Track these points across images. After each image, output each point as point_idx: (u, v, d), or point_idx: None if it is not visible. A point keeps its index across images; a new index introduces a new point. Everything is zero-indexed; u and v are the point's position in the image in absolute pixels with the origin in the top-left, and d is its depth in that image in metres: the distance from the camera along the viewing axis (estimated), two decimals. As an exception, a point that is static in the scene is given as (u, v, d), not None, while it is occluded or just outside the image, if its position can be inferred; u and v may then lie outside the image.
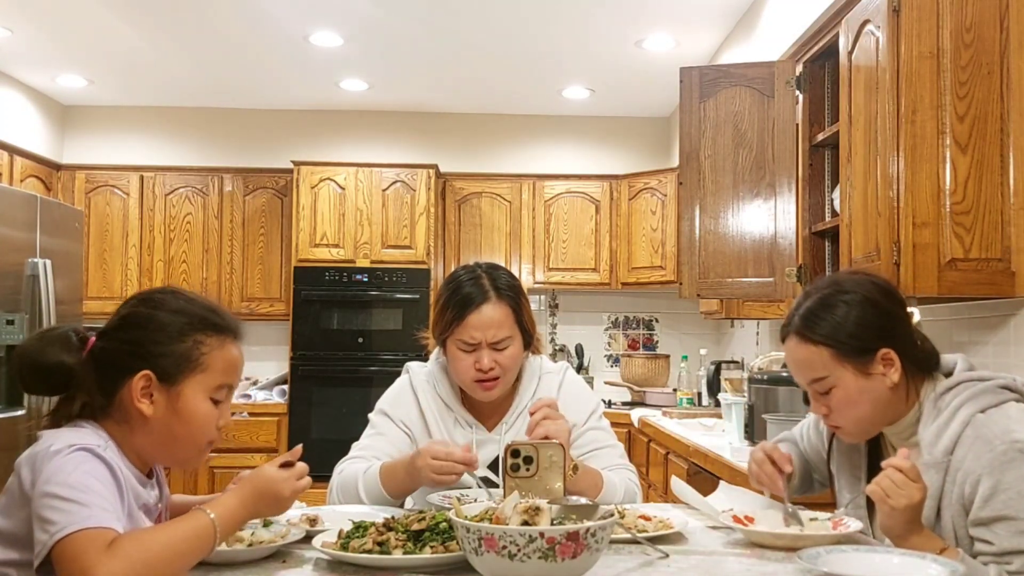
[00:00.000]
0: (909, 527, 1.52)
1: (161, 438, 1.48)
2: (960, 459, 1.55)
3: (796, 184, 3.42)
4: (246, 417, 5.43)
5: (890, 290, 1.72)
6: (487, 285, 2.02)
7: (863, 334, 1.65)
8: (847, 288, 1.69)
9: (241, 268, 5.86)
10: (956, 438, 1.57)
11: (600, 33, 4.58)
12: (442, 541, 1.48)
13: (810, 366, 1.69)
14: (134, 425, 1.46)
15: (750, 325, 5.05)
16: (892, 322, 1.67)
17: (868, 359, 1.65)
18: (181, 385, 1.47)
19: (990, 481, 1.50)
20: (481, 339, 1.99)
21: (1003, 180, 2.45)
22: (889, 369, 1.65)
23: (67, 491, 1.32)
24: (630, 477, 2.08)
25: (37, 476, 1.35)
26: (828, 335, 1.66)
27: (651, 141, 6.18)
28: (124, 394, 1.45)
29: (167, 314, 1.49)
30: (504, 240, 5.87)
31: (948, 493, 1.56)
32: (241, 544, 1.54)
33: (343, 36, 4.65)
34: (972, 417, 1.57)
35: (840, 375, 1.66)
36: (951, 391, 1.63)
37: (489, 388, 2.03)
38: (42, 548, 1.29)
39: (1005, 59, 2.46)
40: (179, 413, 1.47)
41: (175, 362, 1.46)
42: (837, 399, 1.68)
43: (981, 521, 1.51)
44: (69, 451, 1.36)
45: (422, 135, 6.10)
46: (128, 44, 4.82)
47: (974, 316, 2.66)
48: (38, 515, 1.31)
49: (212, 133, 6.05)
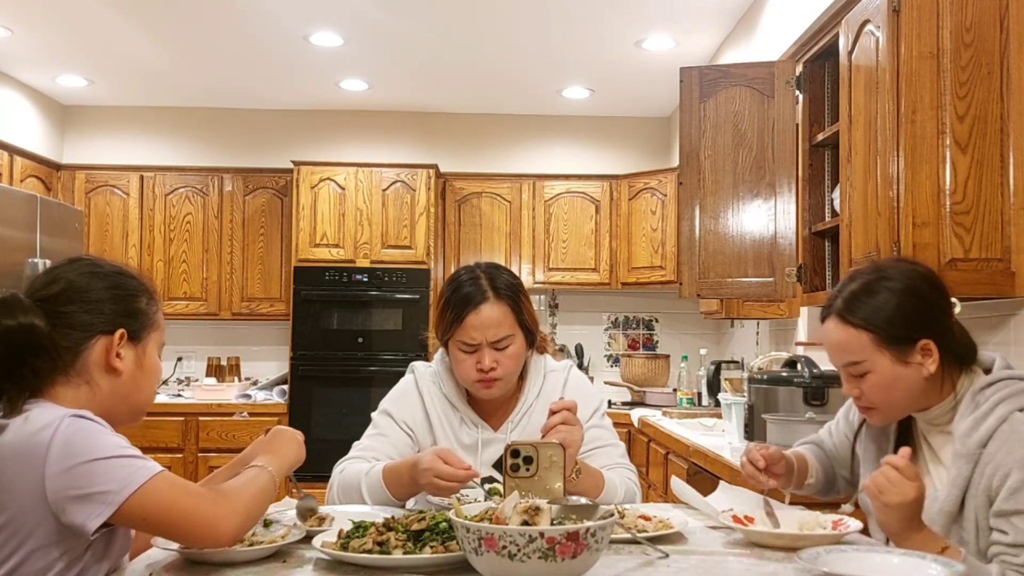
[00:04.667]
0: (905, 525, 1.52)
1: (125, 393, 1.55)
2: (992, 452, 1.57)
3: (796, 184, 3.42)
4: (246, 417, 5.43)
5: (934, 280, 1.72)
6: (485, 285, 2.02)
7: (904, 323, 1.66)
8: (891, 275, 1.70)
9: (241, 268, 5.86)
10: (992, 432, 1.58)
11: (600, 33, 4.58)
12: (442, 541, 1.48)
13: (848, 349, 1.69)
14: (95, 386, 1.51)
15: (750, 325, 5.05)
16: (934, 313, 1.68)
17: (908, 348, 1.66)
18: (144, 342, 1.57)
19: (1019, 475, 1.51)
20: (481, 339, 1.99)
21: (1003, 180, 2.45)
22: (927, 359, 1.66)
23: (99, 454, 1.36)
24: (630, 476, 2.08)
25: (42, 462, 1.34)
26: (869, 320, 1.66)
27: (651, 141, 6.18)
28: (89, 355, 1.50)
29: (125, 278, 1.58)
30: (504, 240, 5.87)
31: (975, 484, 1.58)
32: (241, 544, 1.54)
33: (343, 36, 4.65)
34: (1010, 414, 1.58)
35: (877, 361, 1.67)
36: (992, 387, 1.64)
37: (490, 387, 2.03)
38: (103, 509, 1.34)
39: (1005, 59, 2.46)
40: (144, 368, 1.57)
41: (140, 321, 1.56)
42: (871, 383, 1.68)
43: (1002, 512, 1.53)
44: (65, 424, 1.37)
45: (422, 135, 6.10)
46: (128, 44, 4.82)
47: (974, 316, 2.66)
48: (76, 489, 1.34)
49: (212, 133, 6.05)
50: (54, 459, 1.34)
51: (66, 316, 1.49)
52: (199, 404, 5.47)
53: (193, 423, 5.40)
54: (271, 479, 1.56)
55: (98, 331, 1.51)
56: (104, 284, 1.54)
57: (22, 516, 1.35)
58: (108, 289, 1.54)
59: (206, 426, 5.40)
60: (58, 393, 1.47)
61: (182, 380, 6.00)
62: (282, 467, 1.63)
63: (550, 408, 1.87)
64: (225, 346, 6.06)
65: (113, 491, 1.35)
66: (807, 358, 3.07)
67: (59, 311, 1.49)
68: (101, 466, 1.35)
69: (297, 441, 1.70)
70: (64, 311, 1.49)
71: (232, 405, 5.48)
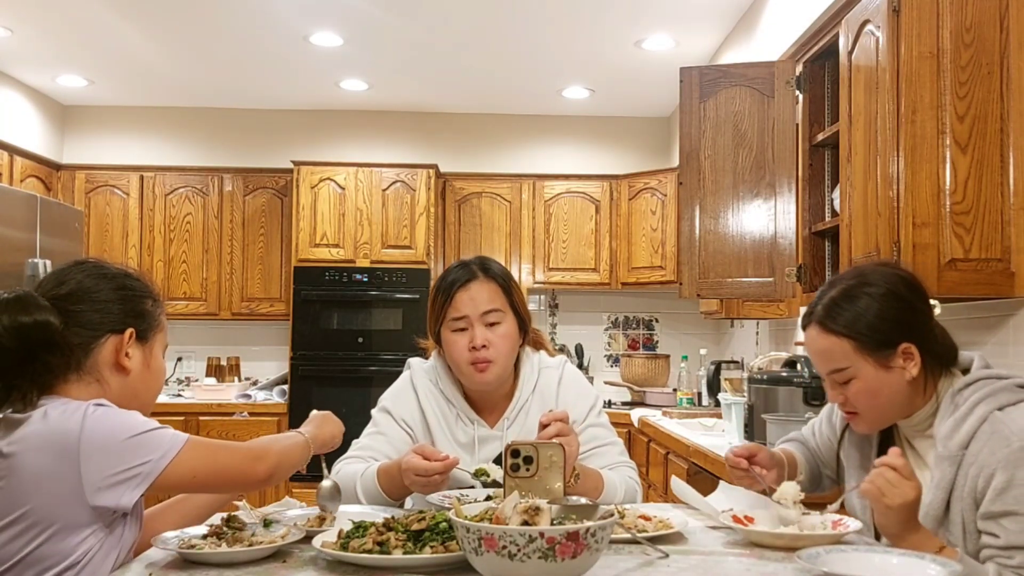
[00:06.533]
0: (905, 525, 1.52)
1: (133, 392, 1.60)
2: (975, 453, 1.56)
3: (796, 184, 3.42)
4: (246, 417, 5.43)
5: (914, 284, 1.72)
6: (475, 268, 2.07)
7: (885, 328, 1.65)
8: (871, 280, 1.69)
9: (241, 268, 5.86)
10: (973, 433, 1.58)
11: (600, 33, 4.58)
12: (442, 541, 1.48)
13: (830, 357, 1.69)
14: (105, 384, 1.56)
15: (750, 325, 5.05)
16: (914, 316, 1.68)
17: (889, 353, 1.65)
18: (151, 342, 1.63)
19: (1004, 476, 1.51)
20: (470, 314, 2.00)
21: (1003, 180, 2.44)
22: (909, 363, 1.65)
23: (133, 431, 1.44)
24: (630, 475, 2.08)
25: (76, 450, 1.38)
26: (850, 327, 1.66)
27: (651, 141, 6.18)
28: (99, 354, 1.55)
29: (131, 280, 1.63)
30: (504, 240, 5.87)
31: (960, 486, 1.57)
32: (241, 544, 1.54)
33: (343, 36, 4.65)
34: (990, 414, 1.58)
35: (860, 367, 1.66)
36: (969, 387, 1.64)
37: (483, 370, 2.02)
38: (143, 480, 1.42)
39: (1005, 59, 2.46)
40: (150, 367, 1.63)
41: (147, 322, 1.62)
42: (855, 390, 1.68)
43: (991, 515, 1.52)
44: (91, 411, 1.43)
45: (422, 135, 6.10)
46: (128, 44, 4.82)
47: (974, 316, 2.66)
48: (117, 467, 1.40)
49: (212, 133, 6.05)
50: (89, 447, 1.39)
51: (77, 315, 1.53)
52: (199, 404, 5.48)
53: (193, 423, 5.40)
54: (303, 440, 1.70)
55: (108, 330, 1.56)
56: (112, 285, 1.59)
57: (49, 505, 1.39)
58: (116, 290, 1.59)
59: (206, 426, 5.40)
60: (70, 390, 1.52)
61: (182, 380, 6.01)
62: (318, 436, 1.75)
63: (540, 421, 1.86)
64: (225, 346, 6.06)
65: (153, 460, 1.44)
66: (807, 358, 3.07)
67: (70, 310, 1.53)
68: (137, 441, 1.44)
69: (337, 423, 1.86)
70: (74, 310, 1.53)
71: (232, 405, 5.48)
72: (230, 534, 1.57)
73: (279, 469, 1.58)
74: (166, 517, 1.73)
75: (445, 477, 1.82)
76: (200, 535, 1.58)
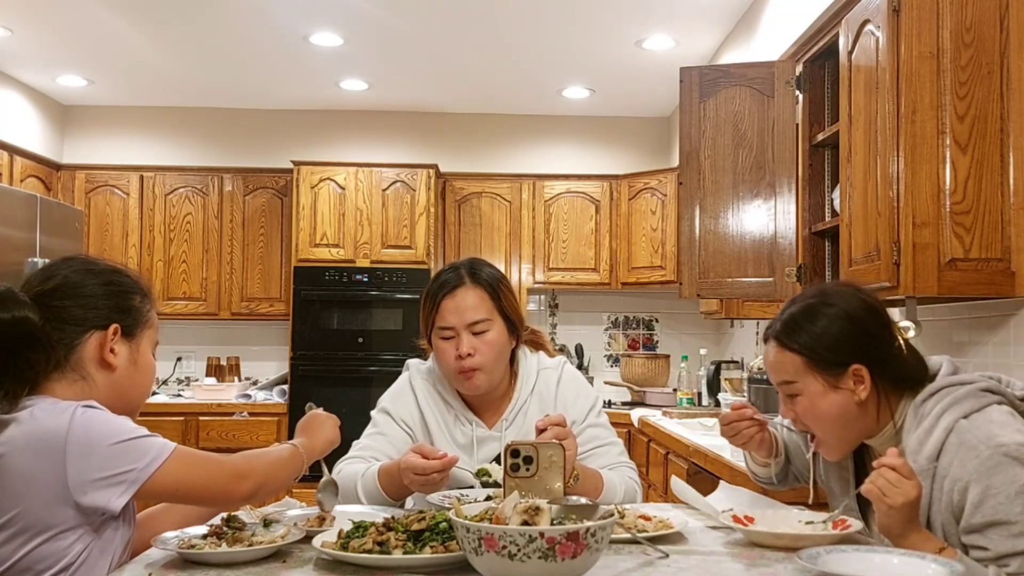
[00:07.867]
0: (907, 526, 1.52)
1: (120, 390, 1.58)
2: (946, 466, 1.55)
3: (796, 184, 3.42)
4: (246, 417, 5.43)
5: (874, 307, 1.72)
6: (463, 273, 2.06)
7: (837, 348, 1.67)
8: (832, 300, 1.71)
9: (241, 268, 5.86)
10: (940, 445, 1.57)
11: (600, 33, 4.58)
12: (442, 541, 1.48)
13: (782, 369, 1.72)
14: (91, 381, 1.54)
15: (750, 325, 5.05)
16: (868, 340, 1.68)
17: (839, 373, 1.67)
18: (139, 339, 1.61)
19: (978, 487, 1.50)
20: (456, 323, 2.00)
21: (1003, 180, 2.44)
22: (859, 386, 1.66)
23: (120, 436, 1.42)
24: (630, 475, 2.08)
25: (62, 451, 1.37)
26: (804, 344, 1.68)
27: (651, 141, 6.18)
28: (83, 350, 1.53)
29: (120, 276, 1.61)
30: (504, 240, 5.87)
31: (936, 500, 1.56)
32: (241, 544, 1.54)
33: (343, 36, 4.65)
34: (955, 423, 1.57)
35: (807, 383, 1.69)
36: (932, 397, 1.63)
37: (470, 377, 2.02)
38: (128, 487, 1.40)
39: (1005, 59, 2.46)
40: (138, 364, 1.61)
41: (134, 318, 1.60)
42: (802, 407, 1.71)
43: (974, 528, 1.51)
44: (80, 412, 1.41)
45: (422, 135, 6.10)
46: (128, 44, 4.82)
47: (974, 316, 2.66)
48: (101, 472, 1.39)
49: (212, 133, 6.05)
50: (75, 447, 1.38)
51: (60, 311, 1.52)
52: (199, 404, 5.48)
53: (193, 423, 5.40)
54: (294, 451, 1.67)
55: (91, 326, 1.55)
56: (98, 281, 1.58)
57: (38, 506, 1.38)
58: (102, 286, 1.57)
59: (206, 426, 5.40)
60: (55, 388, 1.50)
61: (182, 380, 6.01)
62: (312, 446, 1.73)
63: (536, 426, 1.86)
64: (225, 346, 6.06)
65: (138, 468, 1.42)
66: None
67: (53, 306, 1.52)
68: (123, 447, 1.42)
69: (332, 423, 1.83)
70: (58, 306, 1.52)
71: (232, 405, 5.48)
72: (230, 534, 1.57)
73: (263, 488, 1.57)
74: (166, 517, 1.73)
75: (444, 476, 1.81)
76: (200, 535, 1.58)
